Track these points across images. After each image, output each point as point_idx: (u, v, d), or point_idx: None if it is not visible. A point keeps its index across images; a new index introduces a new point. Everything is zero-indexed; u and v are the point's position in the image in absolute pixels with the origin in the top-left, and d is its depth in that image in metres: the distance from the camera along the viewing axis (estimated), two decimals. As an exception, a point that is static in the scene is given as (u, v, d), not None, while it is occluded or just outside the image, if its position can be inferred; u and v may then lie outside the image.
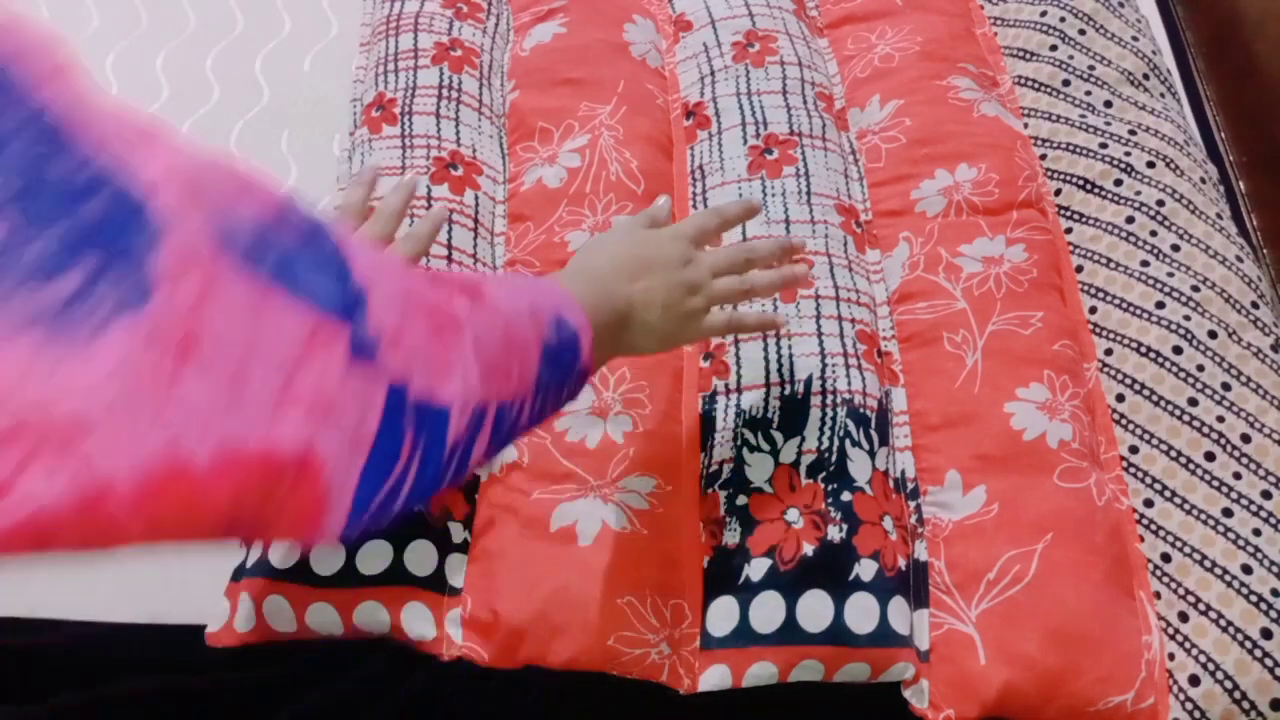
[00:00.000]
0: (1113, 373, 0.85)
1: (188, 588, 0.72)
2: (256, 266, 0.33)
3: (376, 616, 0.69)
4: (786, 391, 0.79)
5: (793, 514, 0.73)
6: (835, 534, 0.72)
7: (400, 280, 0.42)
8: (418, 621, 0.70)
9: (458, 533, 0.74)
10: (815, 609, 0.69)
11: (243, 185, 0.36)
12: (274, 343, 0.33)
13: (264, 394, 0.32)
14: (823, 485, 0.73)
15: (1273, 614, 0.70)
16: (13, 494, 0.26)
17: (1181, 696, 0.70)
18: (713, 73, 1.01)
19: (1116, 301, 0.87)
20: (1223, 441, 0.78)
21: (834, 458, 0.75)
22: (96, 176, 0.29)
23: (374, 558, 0.70)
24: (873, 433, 0.77)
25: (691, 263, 0.66)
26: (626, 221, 0.70)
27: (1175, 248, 0.88)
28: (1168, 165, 0.93)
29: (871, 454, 0.76)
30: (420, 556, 0.71)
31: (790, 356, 0.80)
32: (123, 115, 0.33)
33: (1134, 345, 0.84)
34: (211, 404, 0.30)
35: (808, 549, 0.71)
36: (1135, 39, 1.04)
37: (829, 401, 0.78)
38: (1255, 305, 0.85)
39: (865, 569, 0.71)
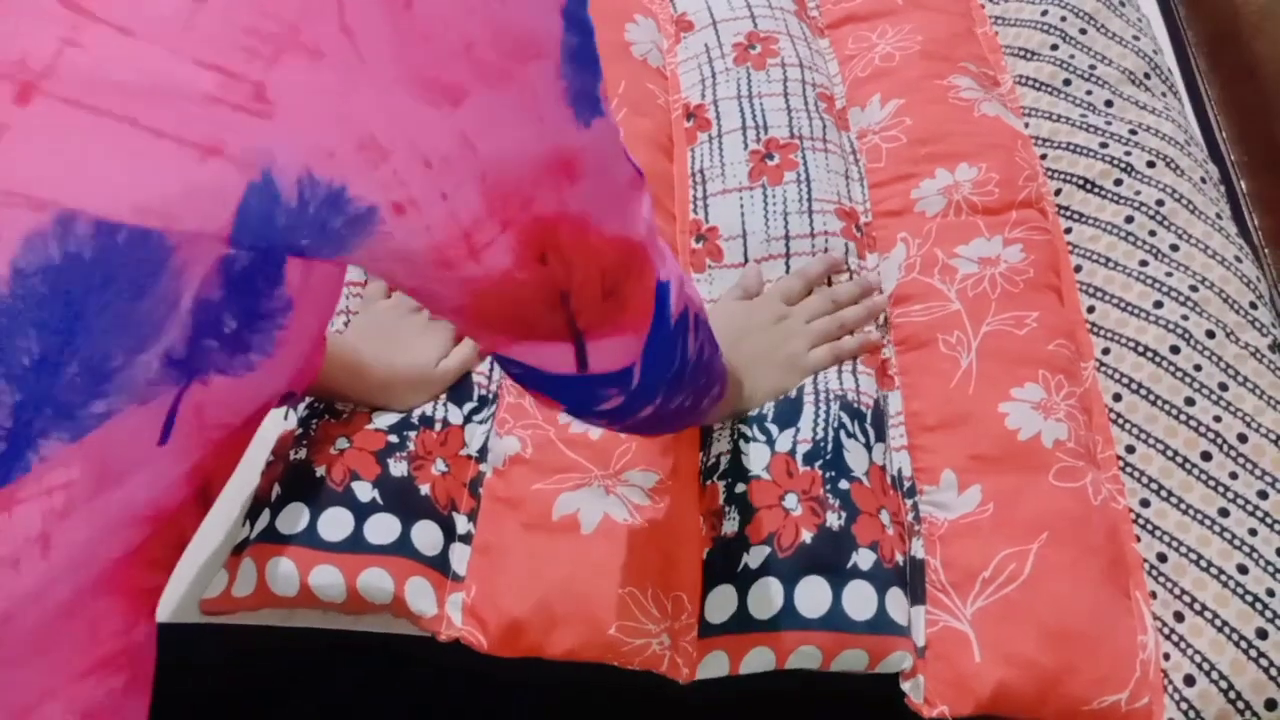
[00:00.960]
0: (1110, 372, 0.85)
1: (188, 588, 0.73)
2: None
3: (381, 585, 0.69)
4: None
5: (791, 500, 0.73)
6: (834, 521, 0.72)
7: None
8: (420, 597, 0.71)
9: (462, 524, 0.75)
10: (813, 595, 0.70)
11: None
12: (624, 167, 0.42)
13: (625, 202, 0.42)
14: (820, 472, 0.74)
15: (1268, 614, 0.70)
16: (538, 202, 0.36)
17: (1176, 696, 0.70)
18: (714, 75, 1.01)
19: (1115, 301, 0.87)
20: (1220, 441, 0.78)
21: (829, 447, 0.76)
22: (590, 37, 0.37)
23: (383, 529, 0.71)
24: (868, 427, 0.78)
25: (785, 317, 0.79)
26: (721, 298, 0.80)
27: (1174, 248, 0.88)
28: (1168, 165, 0.93)
29: (868, 447, 0.77)
30: (427, 536, 0.73)
31: None
32: None
33: (1132, 344, 0.84)
34: (612, 194, 0.41)
35: (806, 536, 0.71)
36: (1136, 38, 1.04)
37: (822, 398, 0.79)
38: (1253, 306, 0.85)
39: (863, 558, 0.71)
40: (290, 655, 0.73)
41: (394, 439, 0.76)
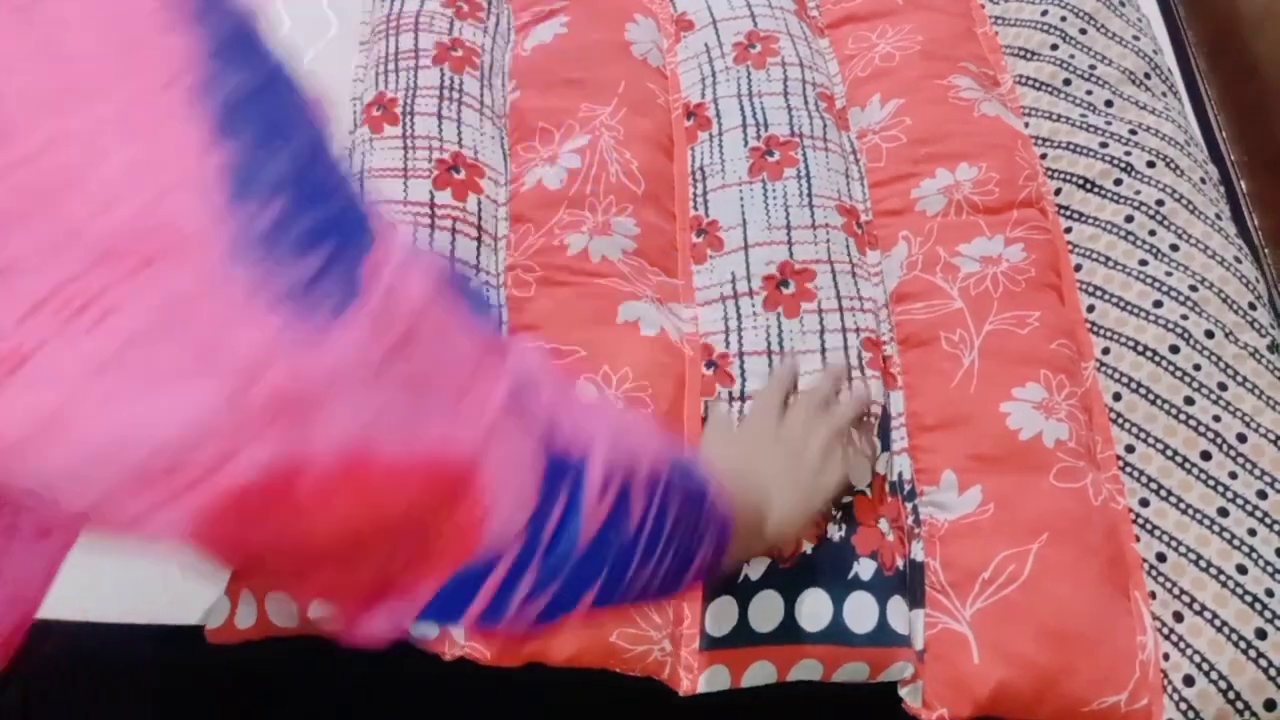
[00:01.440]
0: (1110, 371, 0.85)
1: (188, 588, 0.73)
2: (453, 280, 0.35)
3: None
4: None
5: None
6: (835, 533, 0.72)
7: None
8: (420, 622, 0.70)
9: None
10: (814, 608, 0.70)
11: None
12: (458, 353, 0.34)
13: (447, 403, 0.33)
14: None
15: (1267, 614, 0.70)
16: (234, 462, 0.27)
17: (1176, 697, 0.70)
18: (714, 74, 1.01)
19: (1114, 300, 0.87)
20: (1219, 441, 0.78)
21: None
22: (343, 178, 0.32)
23: None
24: (874, 439, 0.78)
25: (803, 451, 0.67)
26: (760, 411, 0.70)
27: (1174, 247, 0.88)
28: (1168, 165, 0.93)
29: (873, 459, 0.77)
30: None
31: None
32: None
33: (1131, 344, 0.84)
34: (406, 403, 0.31)
35: (807, 548, 0.71)
36: (1136, 38, 1.04)
37: None
38: (1253, 306, 0.85)
39: (864, 568, 0.71)
40: (290, 655, 0.72)
41: None
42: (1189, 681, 0.70)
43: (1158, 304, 0.85)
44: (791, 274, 0.85)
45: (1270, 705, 0.68)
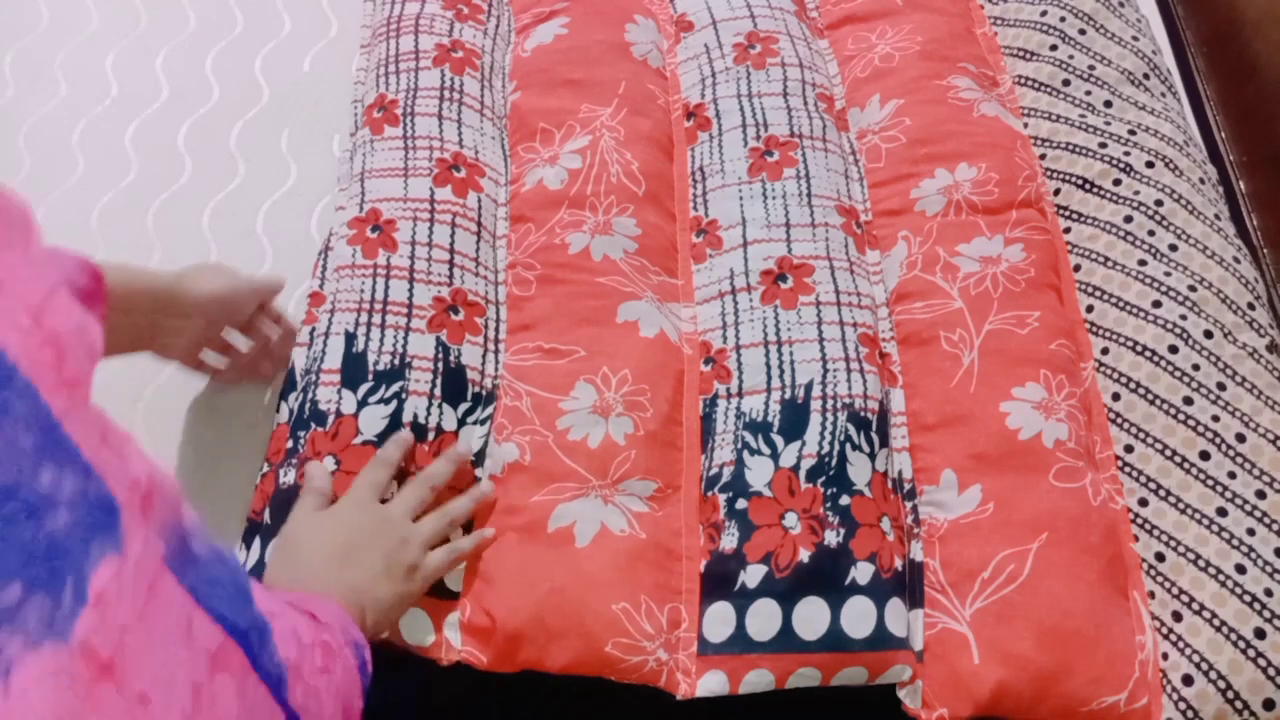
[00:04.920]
0: (1109, 371, 0.85)
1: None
2: (191, 585, 0.33)
3: None
4: (787, 396, 0.79)
5: (791, 519, 0.73)
6: (832, 539, 0.72)
7: (290, 617, 0.43)
8: (416, 629, 0.71)
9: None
10: (811, 616, 0.69)
11: (177, 498, 0.36)
12: (186, 664, 0.32)
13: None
14: (822, 490, 0.74)
15: (1266, 614, 0.70)
16: None
17: (1175, 696, 0.71)
18: (714, 74, 1.01)
19: (1114, 300, 0.88)
20: (1218, 441, 0.78)
21: (834, 462, 0.75)
22: (89, 486, 0.30)
23: None
24: (873, 435, 0.78)
25: (386, 521, 0.68)
26: (296, 514, 0.69)
27: (1173, 247, 0.88)
28: (1167, 165, 0.93)
29: (871, 456, 0.77)
30: None
31: (792, 362, 0.80)
32: (105, 418, 0.33)
33: (1130, 344, 0.84)
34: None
35: (804, 555, 0.71)
36: (1135, 39, 1.05)
37: (830, 406, 0.78)
38: (1251, 306, 0.85)
39: (862, 572, 0.71)
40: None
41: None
42: (1188, 681, 0.71)
43: (1157, 304, 0.85)
44: (790, 269, 0.86)
45: (1269, 705, 0.68)
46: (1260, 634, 0.70)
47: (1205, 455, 0.78)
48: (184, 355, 0.80)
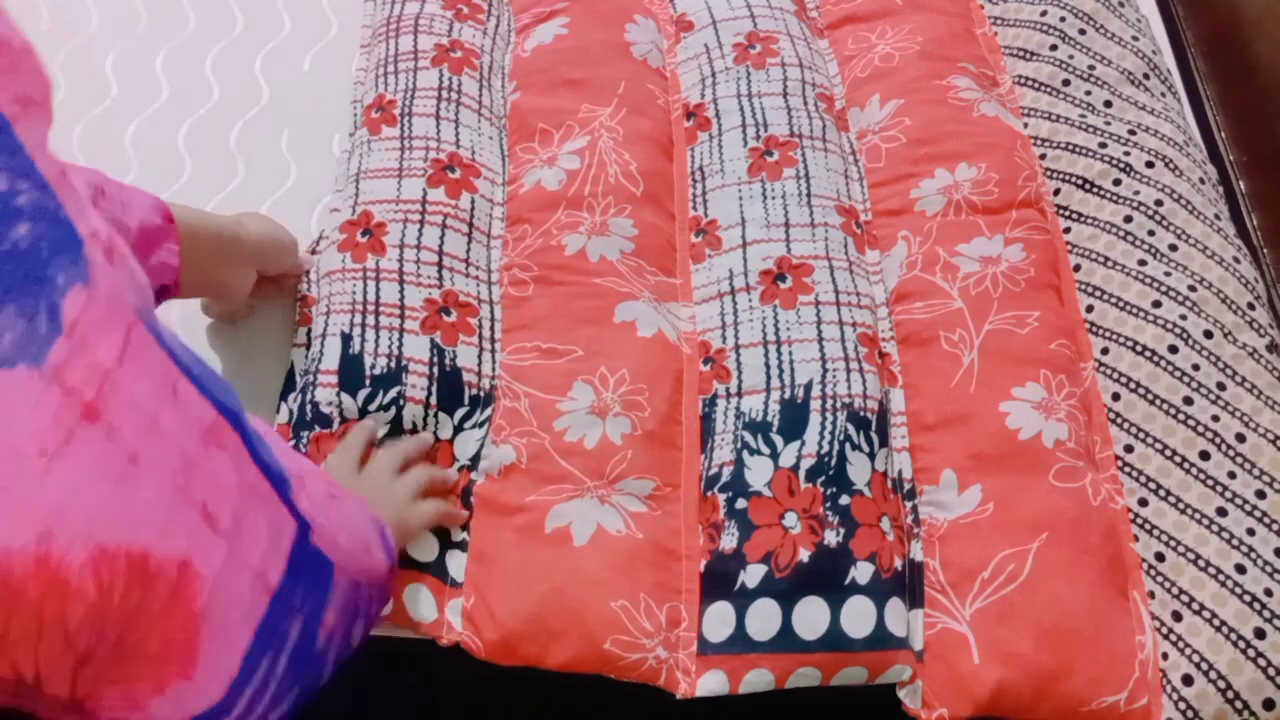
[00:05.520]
0: (1109, 371, 0.85)
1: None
2: (170, 348, 0.31)
3: None
4: (787, 396, 0.79)
5: (790, 518, 0.73)
6: (832, 538, 0.72)
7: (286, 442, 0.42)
8: (421, 603, 0.71)
9: (456, 532, 0.75)
10: (811, 616, 0.70)
11: (141, 279, 0.34)
12: (176, 430, 0.31)
13: (157, 488, 0.29)
14: (821, 490, 0.74)
15: (1266, 614, 0.70)
16: None
17: (1175, 696, 0.71)
18: (714, 74, 1.01)
19: (1113, 300, 0.87)
20: (1218, 441, 0.78)
21: (833, 462, 0.75)
22: (47, 201, 0.28)
23: None
24: (873, 435, 0.78)
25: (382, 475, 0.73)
26: (336, 464, 0.74)
27: (1173, 247, 0.88)
28: (1167, 165, 0.93)
29: (871, 456, 0.77)
30: (422, 545, 0.73)
31: (791, 361, 0.80)
32: (69, 167, 0.32)
33: (1130, 344, 0.84)
34: (98, 488, 0.28)
35: (804, 555, 0.71)
36: (1135, 38, 1.04)
37: (829, 406, 0.78)
38: (1251, 306, 0.85)
39: (861, 572, 0.71)
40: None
41: None
42: (1188, 681, 0.71)
43: (1157, 304, 0.85)
44: (789, 268, 0.86)
45: (1269, 704, 0.68)
46: (1260, 634, 0.70)
47: (1205, 455, 0.78)
48: (236, 296, 0.81)
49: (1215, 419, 0.79)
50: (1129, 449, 0.81)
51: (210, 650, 0.33)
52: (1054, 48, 1.04)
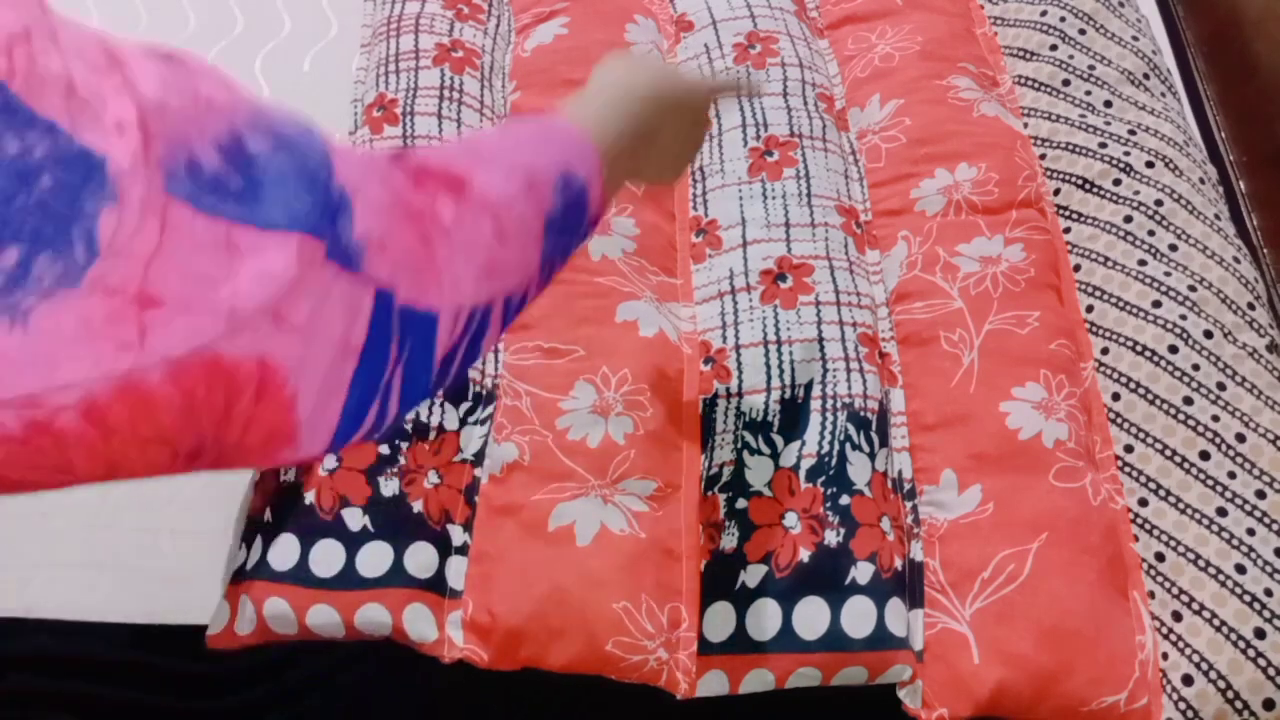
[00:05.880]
0: (1109, 371, 0.85)
1: (188, 588, 0.73)
2: (217, 204, 0.32)
3: (378, 619, 0.69)
4: (787, 396, 0.79)
5: (791, 518, 0.73)
6: (832, 538, 0.72)
7: (385, 185, 0.41)
8: (419, 623, 0.70)
9: (458, 535, 0.74)
10: (811, 616, 0.70)
11: (208, 102, 0.34)
12: (245, 281, 0.33)
13: (219, 302, 0.32)
14: (822, 489, 0.74)
15: (1266, 613, 0.70)
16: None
17: (1175, 696, 0.71)
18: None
19: (1114, 300, 0.87)
20: (1218, 441, 0.78)
21: (834, 461, 0.75)
22: (58, 139, 0.29)
23: (375, 560, 0.70)
24: (873, 435, 0.78)
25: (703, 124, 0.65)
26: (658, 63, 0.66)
27: (1173, 247, 0.88)
28: (1167, 165, 0.93)
29: (871, 456, 0.77)
30: (420, 559, 0.72)
31: (791, 361, 0.80)
32: (92, 41, 0.32)
33: (1130, 344, 0.84)
34: (170, 332, 0.30)
35: (804, 555, 0.71)
36: (1135, 39, 1.04)
37: (829, 406, 0.78)
38: (1251, 306, 0.85)
39: (862, 572, 0.71)
40: (290, 656, 0.72)
41: (385, 450, 0.75)
42: (1188, 681, 0.71)
43: (1157, 304, 0.85)
44: (789, 268, 0.86)
45: (1269, 704, 0.68)
46: (1260, 634, 0.70)
47: (1205, 455, 0.78)
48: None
49: (1215, 419, 0.79)
50: (1129, 449, 0.81)
51: (307, 427, 0.37)
52: (1054, 48, 1.04)
